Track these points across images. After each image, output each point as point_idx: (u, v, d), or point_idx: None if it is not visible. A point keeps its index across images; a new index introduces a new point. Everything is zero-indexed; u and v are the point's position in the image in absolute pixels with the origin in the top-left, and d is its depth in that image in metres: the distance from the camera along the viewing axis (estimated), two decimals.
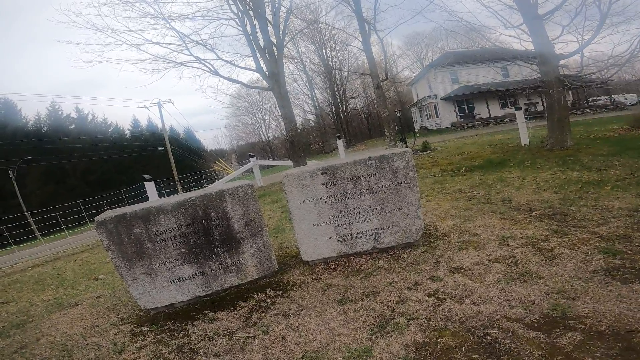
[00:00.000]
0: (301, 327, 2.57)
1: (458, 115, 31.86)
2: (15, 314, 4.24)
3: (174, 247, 3.09)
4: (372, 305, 2.66)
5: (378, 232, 3.65)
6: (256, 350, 2.42)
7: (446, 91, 31.47)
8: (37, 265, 7.94)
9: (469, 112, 31.57)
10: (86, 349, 2.88)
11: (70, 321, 3.56)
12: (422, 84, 36.08)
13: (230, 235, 3.25)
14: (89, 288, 4.92)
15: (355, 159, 3.64)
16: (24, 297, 5.16)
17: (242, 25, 11.37)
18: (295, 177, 3.54)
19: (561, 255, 2.99)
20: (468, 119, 30.92)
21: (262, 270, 3.44)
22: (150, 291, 3.12)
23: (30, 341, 3.25)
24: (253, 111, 52.81)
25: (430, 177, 8.96)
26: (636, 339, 1.86)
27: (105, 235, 2.90)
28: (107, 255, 7.59)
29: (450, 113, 32.01)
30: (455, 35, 10.57)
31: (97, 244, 9.27)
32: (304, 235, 3.62)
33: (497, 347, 1.99)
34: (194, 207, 3.13)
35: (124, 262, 2.98)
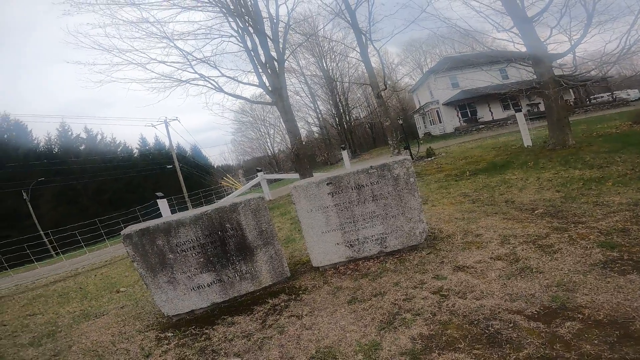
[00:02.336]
0: (314, 326, 2.74)
1: (461, 120, 31.99)
2: (43, 325, 4.47)
3: (194, 257, 3.30)
4: (380, 304, 2.83)
5: (383, 236, 3.82)
6: (273, 349, 2.59)
7: (447, 96, 31.71)
8: (58, 281, 8.22)
9: (472, 116, 31.69)
10: (116, 354, 3.08)
11: (98, 330, 3.76)
12: (423, 90, 36.42)
13: (244, 245, 3.46)
14: (111, 300, 5.15)
15: (358, 169, 3.84)
16: (49, 309, 5.41)
17: (243, 42, 11.79)
18: (303, 188, 3.75)
19: (561, 250, 3.12)
20: (471, 123, 31.02)
21: (275, 277, 3.63)
22: (172, 299, 3.32)
23: (63, 349, 3.45)
24: (258, 126, 53.56)
25: (435, 183, 9.09)
26: (633, 327, 1.98)
27: (131, 247, 3.13)
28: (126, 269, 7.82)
29: (453, 118, 32.16)
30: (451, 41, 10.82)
31: (114, 259, 9.54)
32: (314, 243, 3.81)
33: (499, 337, 2.14)
34: (211, 219, 3.35)
35: (149, 272, 3.20)
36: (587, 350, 1.85)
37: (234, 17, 11.15)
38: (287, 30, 12.34)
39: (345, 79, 39.48)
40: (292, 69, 36.00)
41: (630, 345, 1.84)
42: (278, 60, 11.55)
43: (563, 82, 8.11)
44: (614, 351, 1.81)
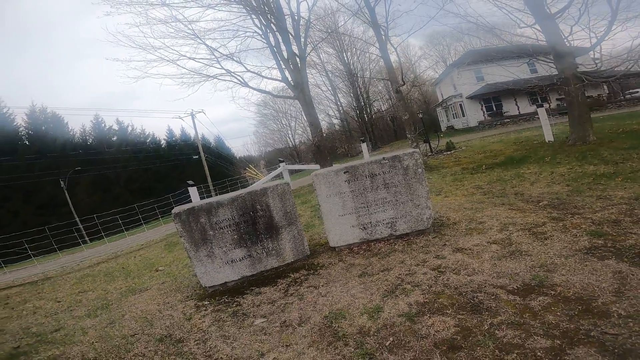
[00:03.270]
0: (328, 294, 3.25)
1: (485, 114, 31.42)
2: (95, 300, 5.08)
3: (229, 234, 3.88)
4: (386, 277, 3.30)
5: (394, 220, 4.27)
6: (294, 311, 3.11)
7: (471, 90, 31.16)
8: (101, 262, 9.12)
9: (497, 110, 31.04)
10: (163, 319, 3.64)
11: (145, 301, 4.34)
12: (446, 83, 35.88)
13: (271, 224, 4.01)
14: (152, 277, 5.76)
15: (372, 160, 4.29)
16: (98, 287, 6.05)
17: (266, 38, 12.29)
18: (323, 175, 4.25)
19: (552, 237, 3.47)
20: (496, 116, 30.42)
21: (296, 254, 4.17)
22: (210, 271, 3.92)
23: (117, 318, 3.98)
24: (279, 118, 54.39)
25: (451, 176, 9.35)
26: (594, 303, 2.33)
27: (179, 224, 3.74)
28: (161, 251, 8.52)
29: (476, 112, 31.63)
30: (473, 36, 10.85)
31: (149, 243, 10.42)
32: (331, 225, 4.31)
33: (480, 306, 2.56)
34: (244, 201, 3.91)
35: (192, 246, 3.80)
36: (549, 319, 2.24)
37: (257, 14, 11.65)
38: (308, 27, 12.73)
39: (366, 73, 39.41)
40: (313, 63, 36.33)
41: (586, 318, 2.20)
42: (300, 56, 11.99)
43: (585, 78, 8.13)
44: (571, 322, 2.18)
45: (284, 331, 2.85)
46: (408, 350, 2.24)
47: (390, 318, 2.63)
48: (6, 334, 4.19)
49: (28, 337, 3.93)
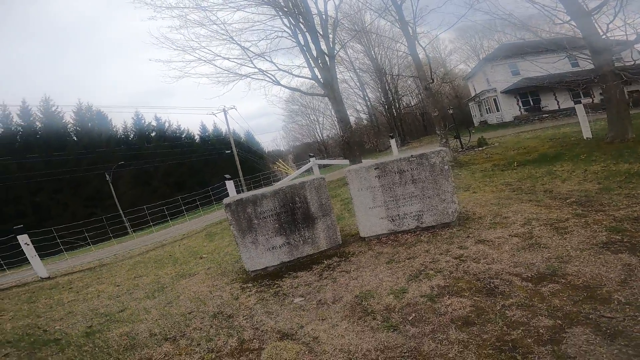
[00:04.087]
0: (359, 277, 3.66)
1: (522, 109, 30.33)
2: (150, 284, 5.53)
3: (271, 223, 4.39)
4: (411, 264, 3.66)
5: (420, 213, 4.60)
6: (328, 291, 3.55)
7: (506, 84, 30.15)
8: (150, 250, 9.99)
9: (535, 105, 29.87)
10: (214, 299, 4.14)
11: (195, 284, 4.85)
12: (479, 77, 34.85)
13: (308, 215, 4.48)
14: (198, 264, 6.30)
15: (401, 157, 4.63)
16: (150, 272, 6.59)
17: (295, 37, 12.74)
18: (355, 171, 4.67)
19: (572, 232, 3.66)
20: (534, 111, 29.31)
21: (330, 243, 4.62)
22: (253, 257, 4.45)
23: (174, 297, 4.44)
24: (308, 113, 55.07)
25: (481, 172, 9.41)
26: (599, 291, 2.56)
27: (230, 213, 4.30)
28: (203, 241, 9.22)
29: (512, 106, 30.60)
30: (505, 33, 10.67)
31: (190, 233, 11.27)
32: (362, 216, 4.72)
33: (495, 290, 2.86)
34: (285, 193, 4.41)
35: (240, 233, 4.35)
36: (555, 303, 2.51)
37: (286, 14, 12.11)
38: (336, 26, 13.05)
39: (395, 68, 38.97)
40: (340, 59, 36.43)
41: (589, 303, 2.44)
42: (329, 54, 12.35)
43: (623, 75, 7.92)
44: (574, 306, 2.44)
45: (319, 308, 3.29)
46: (428, 324, 2.61)
47: (413, 298, 3.00)
48: (77, 315, 4.62)
49: (98, 317, 4.35)
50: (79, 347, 3.41)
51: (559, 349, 2.05)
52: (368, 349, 2.50)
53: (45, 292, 6.65)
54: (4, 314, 5.38)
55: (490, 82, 32.00)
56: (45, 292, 6.73)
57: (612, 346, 1.98)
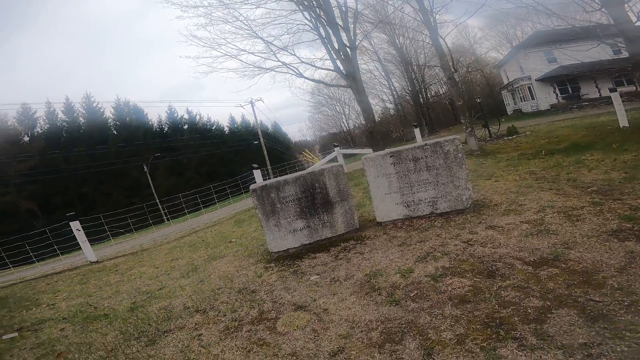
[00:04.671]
0: (371, 258, 3.93)
1: (559, 97, 28.83)
2: (185, 265, 6.01)
3: (293, 207, 4.75)
4: (421, 247, 3.87)
5: (435, 199, 4.76)
6: (341, 270, 3.85)
7: (542, 72, 28.71)
8: (184, 236, 10.70)
9: (573, 93, 28.27)
10: (239, 277, 4.55)
11: (224, 265, 5.29)
12: (512, 65, 33.34)
13: (327, 200, 4.80)
14: (227, 247, 6.75)
15: (415, 145, 4.79)
16: (185, 255, 7.11)
17: (316, 30, 12.88)
18: (372, 158, 4.90)
19: (584, 220, 3.70)
20: (572, 99, 27.76)
21: (347, 227, 4.90)
22: (276, 239, 4.83)
23: (205, 276, 4.89)
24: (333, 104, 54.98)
25: (506, 161, 9.26)
26: (595, 276, 2.66)
27: (255, 198, 4.71)
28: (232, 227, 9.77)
29: (548, 94, 29.14)
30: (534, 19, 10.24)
31: (220, 220, 11.92)
32: (378, 202, 4.97)
33: (496, 272, 3.02)
34: (305, 180, 4.75)
35: (264, 217, 4.74)
36: (549, 286, 2.65)
37: (306, 8, 12.26)
38: (357, 18, 13.05)
39: (421, 57, 37.86)
40: (364, 49, 35.90)
41: (582, 287, 2.55)
42: (350, 46, 12.42)
43: None
44: (567, 289, 2.56)
45: (332, 284, 3.60)
46: (427, 301, 2.84)
47: (418, 277, 3.23)
48: (122, 294, 5.13)
49: (140, 295, 4.81)
50: (124, 320, 3.89)
51: (541, 328, 2.22)
52: (370, 319, 2.78)
53: (95, 275, 7.32)
54: (59, 294, 6.03)
55: (524, 70, 30.56)
56: (94, 274, 7.40)
57: (591, 328, 2.12)
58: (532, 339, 2.13)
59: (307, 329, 2.88)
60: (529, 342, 2.11)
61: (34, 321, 4.57)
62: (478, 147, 11.45)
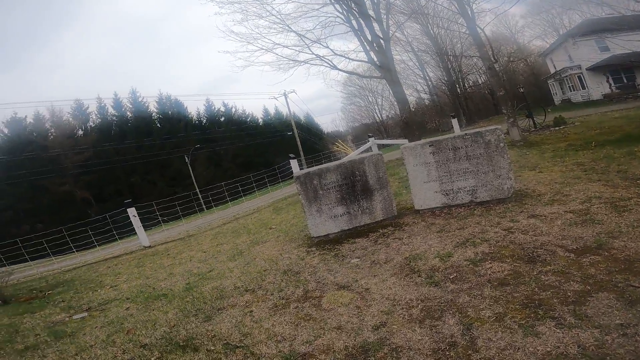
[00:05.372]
0: (410, 243, 4.09)
1: (613, 86, 26.82)
2: (230, 250, 6.36)
3: (334, 194, 5.00)
4: (461, 234, 3.97)
5: (474, 188, 4.81)
6: (381, 254, 4.04)
7: (593, 61, 26.75)
8: (227, 223, 11.31)
9: (628, 82, 26.18)
10: (283, 259, 4.84)
11: (267, 249, 5.61)
12: (559, 54, 31.27)
13: (366, 187, 5.00)
14: (268, 233, 7.08)
15: (455, 135, 4.84)
16: (229, 240, 7.44)
17: (348, 22, 12.84)
18: (411, 148, 5.04)
19: (631, 210, 3.61)
20: (627, 89, 25.72)
21: (385, 214, 5.08)
22: (317, 224, 5.11)
23: (250, 259, 5.20)
24: (366, 95, 54.35)
25: (552, 152, 8.91)
26: (637, 264, 2.64)
27: (299, 184, 5.01)
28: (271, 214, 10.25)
29: (600, 84, 27.20)
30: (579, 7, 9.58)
31: (259, 208, 12.46)
32: (417, 190, 5.09)
33: (537, 258, 3.07)
34: (346, 167, 4.97)
35: (307, 202, 5.04)
36: (590, 272, 2.68)
37: (338, 1, 12.27)
38: (389, 10, 12.87)
39: (457, 47, 36.26)
40: (397, 39, 34.95)
41: (622, 274, 2.56)
42: (384, 38, 12.31)
43: None
44: (607, 275, 2.58)
45: (373, 267, 3.80)
46: (466, 283, 2.96)
47: (457, 261, 3.35)
48: (176, 276, 5.47)
49: (193, 277, 5.12)
50: (182, 298, 4.27)
51: (580, 309, 2.29)
52: (410, 298, 2.96)
53: (149, 258, 7.92)
54: (120, 277, 6.62)
55: (573, 59, 28.64)
56: (148, 258, 8.01)
57: (629, 311, 2.17)
58: (570, 319, 2.22)
59: (350, 305, 3.11)
60: (567, 321, 2.20)
61: (101, 301, 5.04)
62: (521, 138, 11.04)
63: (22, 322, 4.54)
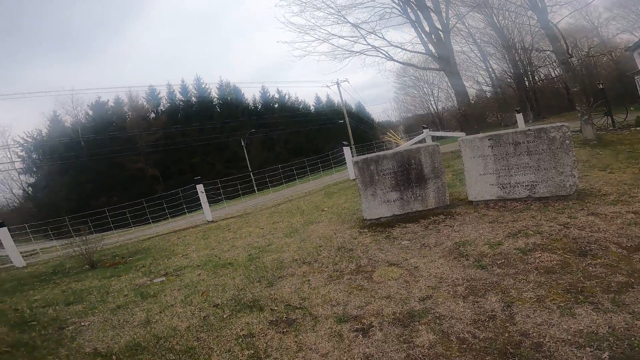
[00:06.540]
0: (460, 230, 4.28)
1: None
2: (285, 228, 6.76)
3: (389, 180, 5.31)
4: (514, 225, 4.07)
5: (534, 184, 4.81)
6: (431, 238, 4.29)
7: None
8: (281, 204, 11.94)
9: None
10: (337, 238, 5.22)
11: (321, 229, 5.91)
12: None
13: (421, 176, 5.23)
14: (320, 215, 7.46)
15: (516, 130, 4.85)
16: (284, 220, 7.80)
17: (404, 13, 12.62)
18: (468, 140, 5.16)
19: None
20: None
21: (438, 203, 5.27)
22: (371, 207, 5.46)
23: (306, 237, 5.60)
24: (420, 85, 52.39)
25: (627, 153, 8.25)
26: None
27: (357, 169, 5.40)
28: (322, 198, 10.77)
29: None
30: None
31: (311, 192, 13.04)
32: (472, 182, 5.21)
33: (588, 252, 3.13)
34: (402, 156, 5.24)
35: (363, 186, 5.41)
36: (638, 267, 2.73)
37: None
38: (449, 1, 12.38)
39: (526, 38, 33.17)
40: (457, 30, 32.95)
41: None
42: (443, 29, 11.98)
43: None
44: None
45: (422, 249, 4.08)
46: (513, 268, 3.14)
47: (506, 249, 3.51)
48: (239, 248, 5.90)
49: (253, 249, 5.53)
50: (245, 267, 4.75)
51: (619, 298, 2.41)
52: (456, 277, 3.22)
53: (213, 232, 8.61)
54: (189, 247, 7.27)
55: None
56: (212, 231, 8.71)
57: None
58: (608, 305, 2.36)
59: (399, 280, 3.44)
60: (604, 307, 2.35)
61: (175, 268, 5.52)
62: (595, 137, 10.24)
63: (110, 285, 5.15)
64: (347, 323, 2.83)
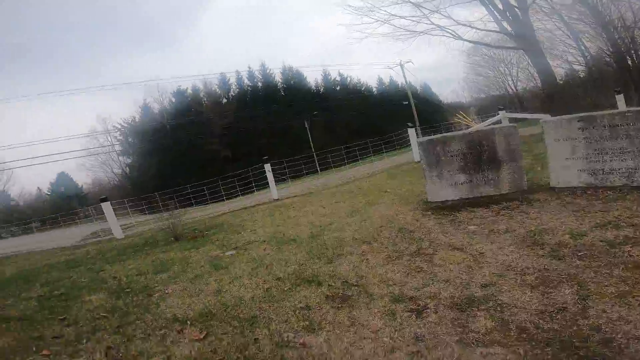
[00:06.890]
0: (537, 219, 3.97)
1: None
2: (347, 208, 6.71)
3: (456, 162, 5.07)
4: (603, 215, 3.66)
5: (633, 171, 4.24)
6: (502, 224, 4.05)
7: None
8: (343, 184, 11.93)
9: None
10: (398, 220, 5.14)
11: (383, 210, 5.78)
12: None
13: (494, 158, 4.89)
14: (382, 196, 7.33)
15: (613, 111, 4.29)
16: (346, 200, 7.65)
17: None
18: (553, 122, 4.75)
19: None
20: None
21: (513, 187, 4.89)
22: (436, 189, 5.29)
23: (367, 217, 5.50)
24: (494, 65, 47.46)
25: None
26: None
27: (421, 150, 5.28)
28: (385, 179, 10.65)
29: None
30: None
31: (373, 173, 12.93)
32: (555, 167, 4.78)
33: (623, 255, 2.80)
34: (472, 137, 4.98)
35: (427, 167, 5.27)
36: None
37: None
38: None
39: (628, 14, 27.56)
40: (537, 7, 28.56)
41: None
42: (519, 7, 10.65)
43: None
44: None
45: (490, 235, 3.87)
46: (596, 261, 2.85)
47: (591, 241, 3.18)
48: (302, 226, 5.89)
49: (315, 228, 5.59)
50: (308, 243, 4.87)
51: None
52: (526, 266, 3.01)
53: (278, 210, 8.86)
54: (256, 223, 7.52)
55: None
56: (277, 209, 8.95)
57: None
58: None
59: (461, 265, 3.33)
60: None
61: (244, 242, 5.60)
62: None
63: (190, 256, 5.52)
64: (401, 303, 2.85)
